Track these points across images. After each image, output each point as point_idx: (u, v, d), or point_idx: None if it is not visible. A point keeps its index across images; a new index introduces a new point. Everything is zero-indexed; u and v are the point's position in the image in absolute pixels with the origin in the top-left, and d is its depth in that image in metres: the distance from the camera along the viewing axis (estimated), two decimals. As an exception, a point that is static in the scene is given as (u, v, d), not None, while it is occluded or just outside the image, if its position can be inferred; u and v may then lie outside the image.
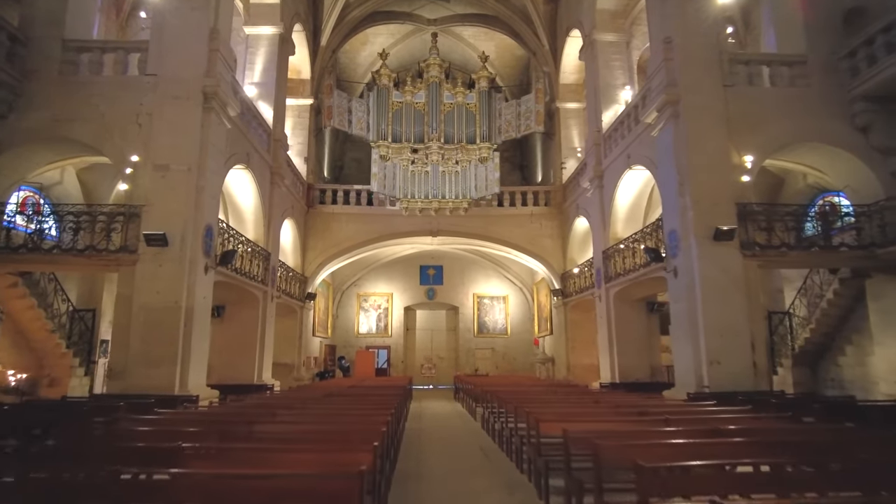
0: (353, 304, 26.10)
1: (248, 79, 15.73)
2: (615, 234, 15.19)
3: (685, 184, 10.87)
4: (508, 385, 14.46)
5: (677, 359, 11.26)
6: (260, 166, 14.33)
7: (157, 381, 9.49)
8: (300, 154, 19.80)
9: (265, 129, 15.04)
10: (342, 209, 20.00)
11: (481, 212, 20.18)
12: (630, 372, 14.60)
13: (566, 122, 20.72)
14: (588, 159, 16.56)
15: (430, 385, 25.86)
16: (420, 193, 19.89)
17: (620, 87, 16.31)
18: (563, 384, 14.71)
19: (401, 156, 20.25)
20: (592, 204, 16.34)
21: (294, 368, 18.56)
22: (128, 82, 10.87)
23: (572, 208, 18.78)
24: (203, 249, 10.43)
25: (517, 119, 20.95)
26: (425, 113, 21.14)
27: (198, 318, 10.20)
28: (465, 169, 20.21)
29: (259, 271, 14.12)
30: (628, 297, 14.76)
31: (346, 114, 20.81)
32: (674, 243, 11.11)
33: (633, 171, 13.92)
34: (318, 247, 19.60)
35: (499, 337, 26.12)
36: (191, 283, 10.06)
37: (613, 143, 15.12)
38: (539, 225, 20.11)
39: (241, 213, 14.54)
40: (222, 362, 14.15)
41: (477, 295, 26.43)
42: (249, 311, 14.35)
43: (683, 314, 10.75)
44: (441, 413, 14.98)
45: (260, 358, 14.32)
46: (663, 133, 11.65)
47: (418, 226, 19.98)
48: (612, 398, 9.18)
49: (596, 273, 15.91)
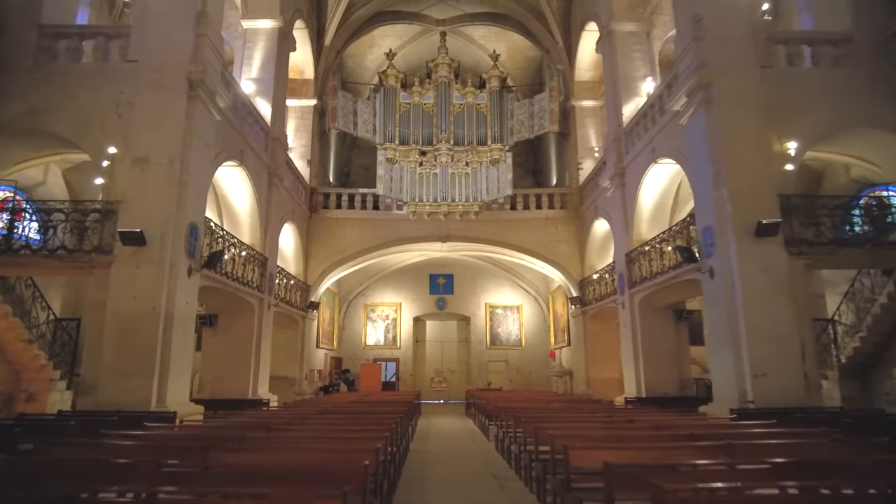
0: (360, 315, 25.05)
1: (246, 74, 14.89)
2: (639, 235, 14.02)
3: (721, 175, 9.73)
4: (524, 401, 13.27)
5: (716, 370, 10.04)
6: (256, 166, 13.42)
7: (132, 396, 8.48)
8: (303, 157, 18.93)
9: (262, 126, 14.16)
10: (346, 214, 19.04)
11: (493, 216, 19.11)
12: (658, 386, 13.33)
13: (582, 121, 19.66)
14: (608, 156, 15.45)
15: (441, 399, 24.65)
16: (428, 197, 18.89)
17: (641, 80, 15.23)
18: (585, 400, 13.49)
19: (408, 158, 19.31)
20: (613, 204, 15.20)
21: (295, 382, 17.51)
22: (108, 70, 10.02)
23: (590, 210, 17.64)
24: (186, 250, 9.46)
25: (530, 119, 19.95)
26: (434, 114, 20.26)
27: (179, 325, 9.21)
28: (476, 171, 19.20)
29: (254, 277, 13.14)
30: (655, 303, 13.54)
31: (352, 115, 19.95)
32: (709, 241, 9.95)
33: (659, 166, 12.79)
34: (322, 254, 18.62)
35: (512, 349, 24.88)
36: (171, 287, 9.08)
37: (636, 137, 14.01)
38: (555, 229, 18.97)
39: (235, 216, 13.60)
40: (215, 375, 13.15)
41: (489, 305, 25.26)
42: (244, 320, 13.35)
43: (722, 320, 9.55)
44: (450, 431, 13.80)
45: (255, 371, 13.29)
46: (694, 121, 10.54)
47: (427, 231, 18.94)
48: (647, 416, 7.99)
49: (618, 278, 14.72)
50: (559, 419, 8.09)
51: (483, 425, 12.99)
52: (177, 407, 8.84)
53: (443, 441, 11.80)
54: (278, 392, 17.11)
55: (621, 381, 17.88)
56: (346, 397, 14.65)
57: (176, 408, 8.81)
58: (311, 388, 18.41)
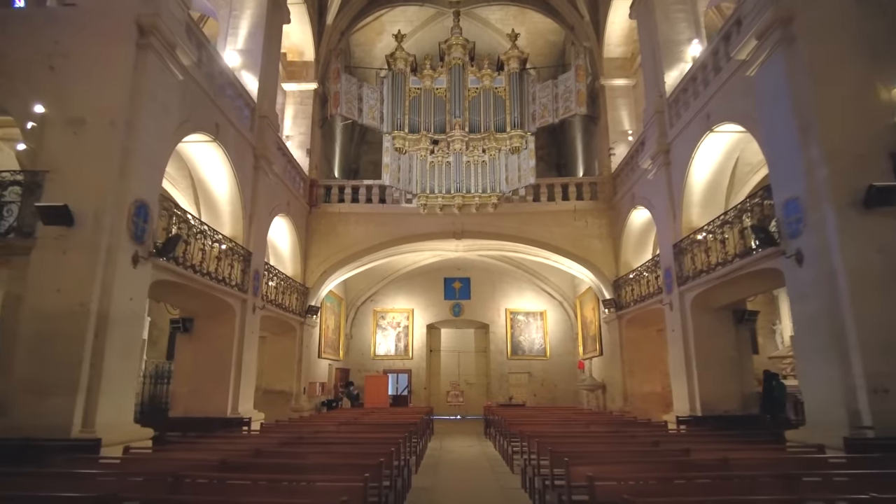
0: (369, 322, 23.02)
1: (231, 45, 13.10)
2: (689, 222, 11.78)
3: (810, 131, 7.51)
4: (554, 422, 11.07)
5: (808, 384, 7.74)
6: (238, 145, 11.56)
7: (49, 419, 6.54)
8: (302, 146, 17.12)
9: (247, 102, 12.32)
10: (350, 208, 17.12)
11: (514, 208, 17.00)
12: (716, 402, 11.02)
13: (613, 102, 17.52)
14: (647, 133, 13.27)
15: (457, 415, 22.43)
16: (441, 188, 16.88)
17: (685, 43, 13.06)
18: (629, 420, 11.22)
19: (418, 146, 17.36)
20: (655, 188, 12.99)
21: (292, 397, 15.53)
22: (41, 16, 8.21)
23: (626, 200, 15.42)
24: (130, 233, 7.56)
25: (554, 102, 17.86)
26: (447, 100, 18.33)
27: (118, 328, 7.27)
28: (494, 159, 17.15)
29: (235, 274, 11.22)
30: (710, 303, 11.27)
31: (356, 101, 18.11)
32: (794, 217, 7.71)
33: (715, 136, 10.58)
34: (322, 252, 16.69)
35: (536, 359, 22.58)
36: (107, 279, 7.16)
37: (682, 107, 11.84)
38: (584, 223, 16.77)
39: (214, 203, 11.73)
40: (190, 389, 11.21)
41: (510, 311, 23.04)
42: (223, 325, 11.42)
43: (818, 319, 7.29)
44: (465, 459, 11.61)
45: (236, 384, 11.32)
46: (768, 69, 8.35)
47: (439, 226, 16.91)
48: (738, 453, 5.76)
49: (664, 274, 12.47)
50: (604, 454, 5.95)
51: (504, 451, 10.80)
52: (109, 432, 6.87)
53: (455, 474, 9.62)
54: (274, 408, 15.21)
55: (664, 395, 15.58)
56: (345, 414, 12.59)
57: (109, 433, 6.84)
58: (310, 403, 16.41)
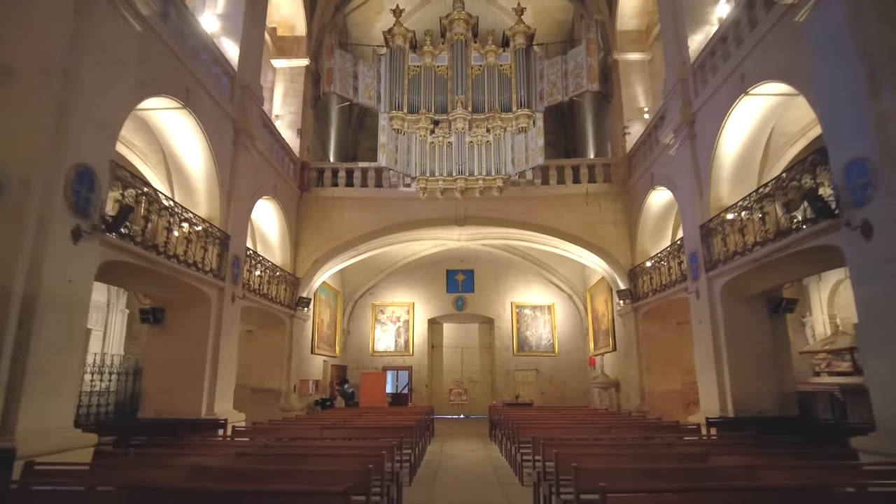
0: (368, 317, 21.84)
1: (210, 9, 11.90)
2: (717, 200, 10.51)
3: (881, 75, 6.23)
4: (567, 424, 9.85)
5: (877, 382, 6.45)
6: (214, 115, 10.37)
7: (-41, 424, 5.37)
8: (292, 126, 15.95)
9: (226, 70, 11.13)
10: (344, 192, 15.92)
11: (521, 192, 15.77)
12: (750, 401, 9.75)
13: (627, 78, 16.24)
14: (669, 105, 12.00)
15: (461, 415, 21.25)
16: (442, 170, 15.66)
17: (711, 4, 11.77)
18: (650, 423, 9.98)
19: (418, 125, 16.15)
20: (678, 165, 11.73)
21: (281, 396, 14.35)
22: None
23: (643, 181, 14.14)
24: (70, 203, 6.36)
25: (564, 79, 16.61)
26: (448, 78, 17.13)
27: (53, 315, 6.09)
28: (499, 139, 15.90)
29: (209, 259, 10.04)
30: (743, 290, 10.00)
31: (351, 79, 16.92)
32: (860, 181, 6.43)
33: (751, 99, 9.30)
34: (314, 240, 15.50)
35: (544, 355, 21.34)
36: (38, 256, 5.97)
37: (710, 71, 10.57)
38: (597, 207, 15.50)
39: (187, 179, 10.53)
40: (161, 388, 10.03)
41: (516, 304, 21.81)
42: (198, 316, 10.25)
43: (889, 303, 6.03)
44: (468, 466, 10.40)
45: (212, 382, 10.14)
46: (821, 11, 7.07)
47: (440, 212, 15.69)
48: (822, 475, 4.52)
49: (688, 260, 11.21)
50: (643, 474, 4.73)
51: (513, 457, 9.58)
52: (35, 441, 5.68)
53: (455, 487, 8.40)
54: (262, 408, 14.07)
55: (684, 394, 14.35)
56: (331, 417, 11.39)
57: (33, 442, 5.66)
58: (301, 402, 15.23)
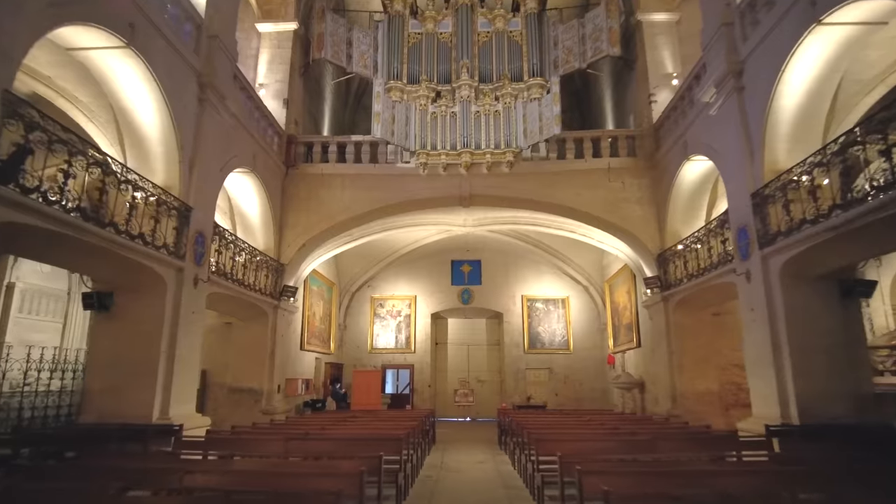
0: (366, 311, 20.15)
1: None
2: (773, 163, 8.72)
3: None
4: (593, 433, 8.12)
5: None
6: (171, 63, 8.72)
7: None
8: (278, 96, 14.29)
9: (188, 13, 9.46)
10: (335, 169, 14.24)
11: (534, 167, 14.02)
12: (819, 405, 7.95)
13: (652, 41, 14.42)
14: (709, 55, 10.21)
15: (467, 417, 19.55)
16: (444, 143, 13.95)
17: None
18: (697, 431, 8.20)
19: (417, 94, 14.48)
20: (721, 126, 9.95)
21: (262, 397, 12.70)
22: None
23: (675, 152, 12.35)
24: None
25: (581, 44, 14.85)
26: (452, 46, 15.45)
27: None
28: (510, 108, 14.17)
29: (163, 232, 8.38)
30: (809, 269, 8.21)
31: (344, 46, 15.27)
32: None
33: (821, 33, 7.52)
34: (301, 222, 13.82)
35: (558, 353, 19.57)
36: None
37: (763, 8, 8.78)
38: (621, 184, 13.72)
39: (140, 140, 8.84)
40: (107, 386, 8.39)
41: (527, 297, 20.04)
42: (151, 301, 8.60)
43: None
44: (474, 483, 8.68)
45: (167, 379, 8.49)
46: None
47: (442, 190, 13.98)
48: None
49: (737, 236, 9.42)
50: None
51: (529, 474, 7.85)
52: None
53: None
54: (241, 410, 12.49)
55: (722, 395, 12.55)
56: (306, 424, 9.70)
57: None
58: (287, 403, 13.56)
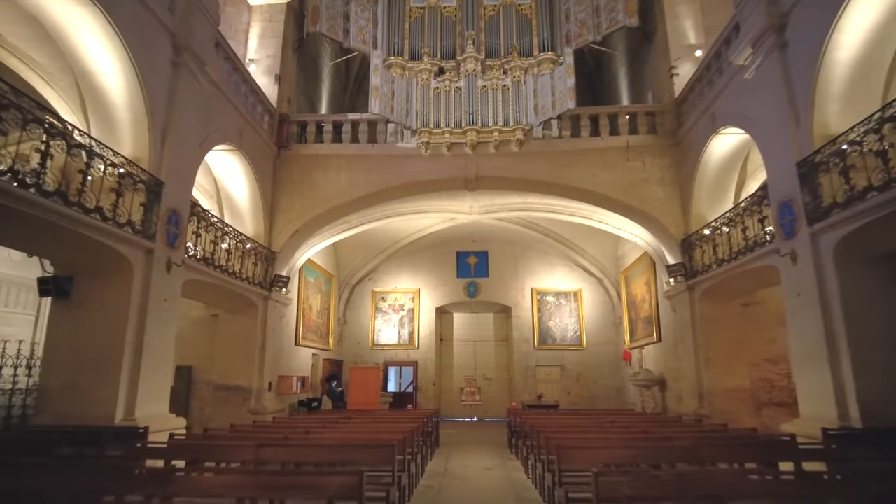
0: (367, 305, 19.16)
1: None
2: (823, 128, 7.62)
3: None
4: (625, 441, 7.07)
5: None
6: (141, 21, 7.73)
7: None
8: (269, 72, 13.31)
9: (162, -33, 8.48)
10: (331, 149, 13.22)
11: (545, 146, 12.96)
12: (884, 406, 6.86)
13: (673, 11, 13.33)
14: (743, 13, 9.07)
15: (474, 417, 18.53)
16: (448, 120, 12.92)
17: None
18: (742, 436, 7.11)
19: (419, 68, 13.46)
20: (758, 91, 8.84)
21: (252, 395, 11.72)
22: None
23: (701, 126, 11.25)
24: None
25: (595, 16, 13.77)
26: (457, 20, 14.48)
27: None
28: (518, 81, 13.11)
29: (127, 208, 7.39)
30: (868, 249, 7.12)
31: (341, 19, 14.25)
32: None
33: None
34: (294, 206, 12.82)
35: (570, 349, 18.50)
36: None
37: (812, -48, 7.69)
38: (640, 164, 12.62)
39: (106, 106, 7.85)
40: (64, 383, 7.41)
41: (537, 290, 18.98)
42: (115, 287, 7.62)
43: None
44: (481, 490, 7.66)
45: (132, 375, 7.51)
46: None
47: (446, 171, 12.94)
48: None
49: (779, 213, 8.30)
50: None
51: (542, 480, 6.81)
52: None
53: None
54: (228, 409, 11.58)
55: (754, 393, 11.48)
56: (289, 427, 8.67)
57: None
58: (279, 402, 12.58)
